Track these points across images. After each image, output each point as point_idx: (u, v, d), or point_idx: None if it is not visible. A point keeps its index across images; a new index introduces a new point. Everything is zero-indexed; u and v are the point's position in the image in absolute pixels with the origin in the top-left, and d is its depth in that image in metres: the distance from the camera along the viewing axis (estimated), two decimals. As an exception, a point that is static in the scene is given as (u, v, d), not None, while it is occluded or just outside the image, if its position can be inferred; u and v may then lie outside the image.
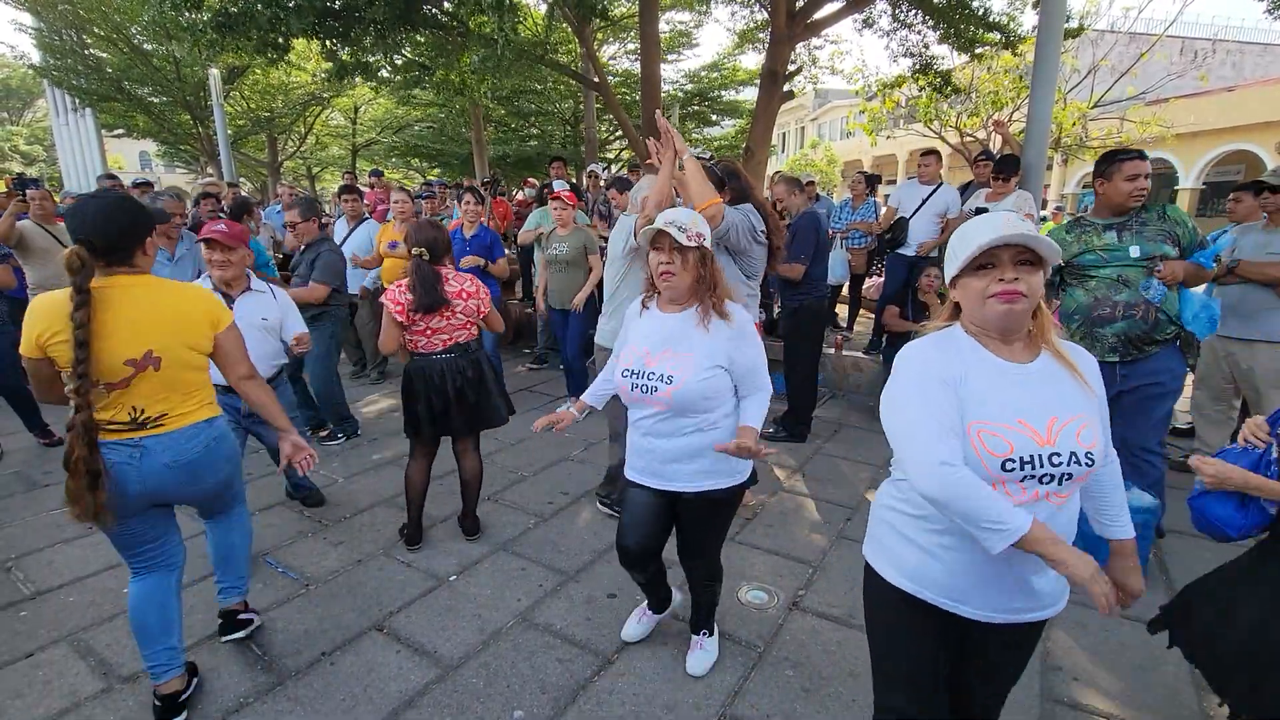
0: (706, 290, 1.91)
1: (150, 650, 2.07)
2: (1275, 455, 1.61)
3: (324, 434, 4.51)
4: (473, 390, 3.01)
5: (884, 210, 5.86)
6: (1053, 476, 1.23)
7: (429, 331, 2.93)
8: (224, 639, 2.41)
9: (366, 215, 5.71)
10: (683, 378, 1.86)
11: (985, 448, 1.22)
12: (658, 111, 2.91)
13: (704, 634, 2.35)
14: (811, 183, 7.98)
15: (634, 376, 1.95)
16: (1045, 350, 1.31)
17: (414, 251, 2.88)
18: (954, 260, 1.30)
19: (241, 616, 2.45)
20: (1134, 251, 2.79)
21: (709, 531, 2.13)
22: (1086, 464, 1.23)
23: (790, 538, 3.21)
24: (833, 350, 5.60)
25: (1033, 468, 1.22)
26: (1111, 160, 2.83)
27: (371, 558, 3.03)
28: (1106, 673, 2.29)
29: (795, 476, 3.96)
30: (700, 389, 1.86)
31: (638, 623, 2.46)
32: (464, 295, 2.97)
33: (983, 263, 1.26)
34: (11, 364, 4.49)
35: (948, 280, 1.34)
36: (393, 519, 3.39)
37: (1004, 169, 4.84)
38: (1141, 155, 2.82)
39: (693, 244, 1.86)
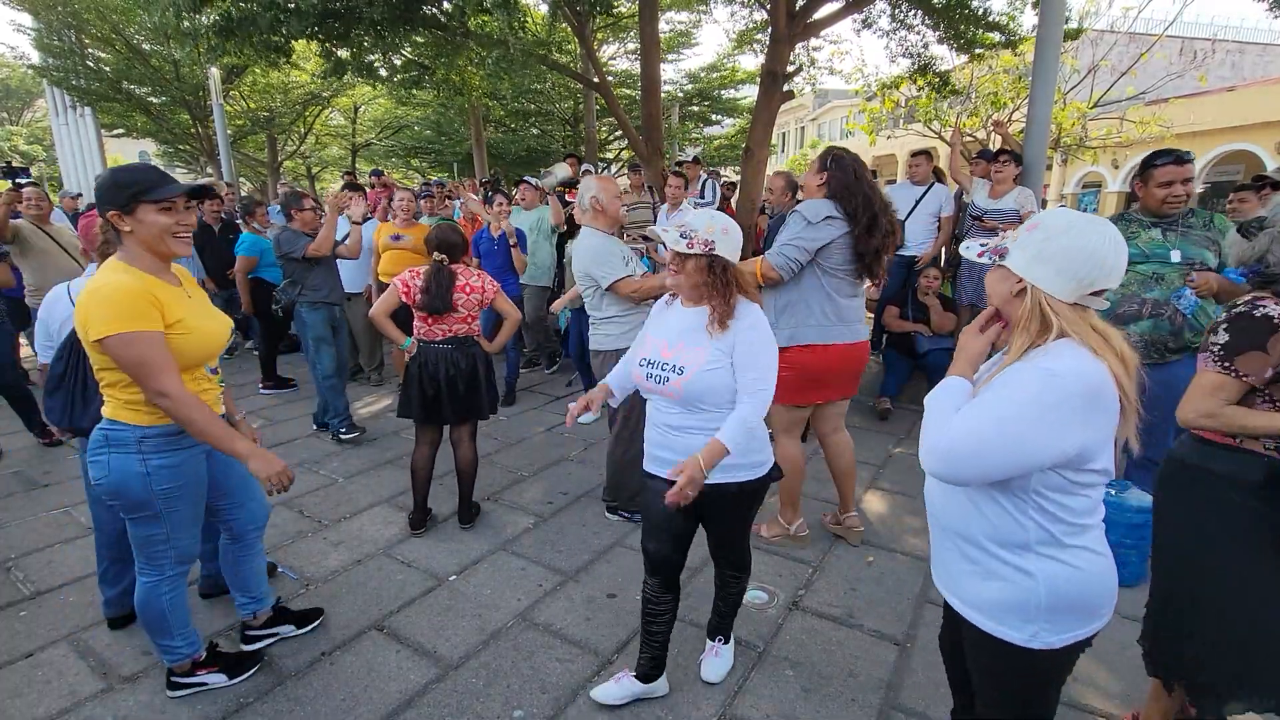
0: (716, 295, 1.85)
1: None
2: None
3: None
4: (463, 381, 3.18)
5: None
6: None
7: (430, 319, 3.13)
8: (170, 694, 2.17)
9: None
10: (692, 370, 1.85)
11: None
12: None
13: (720, 639, 2.31)
14: None
15: (649, 366, 1.95)
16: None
17: (435, 256, 3.08)
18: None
19: (183, 680, 2.17)
20: (1175, 256, 2.71)
21: (732, 524, 2.09)
22: None
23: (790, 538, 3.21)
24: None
25: None
26: (1148, 164, 2.73)
27: (371, 558, 3.03)
28: (1106, 673, 2.29)
29: (795, 476, 3.95)
30: (708, 380, 1.84)
31: (615, 684, 2.16)
32: (466, 290, 3.13)
33: None
34: (10, 363, 4.49)
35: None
36: (392, 519, 3.39)
37: (1005, 154, 4.84)
38: (1180, 159, 2.68)
39: (694, 250, 1.82)
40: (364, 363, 5.99)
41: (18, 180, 4.80)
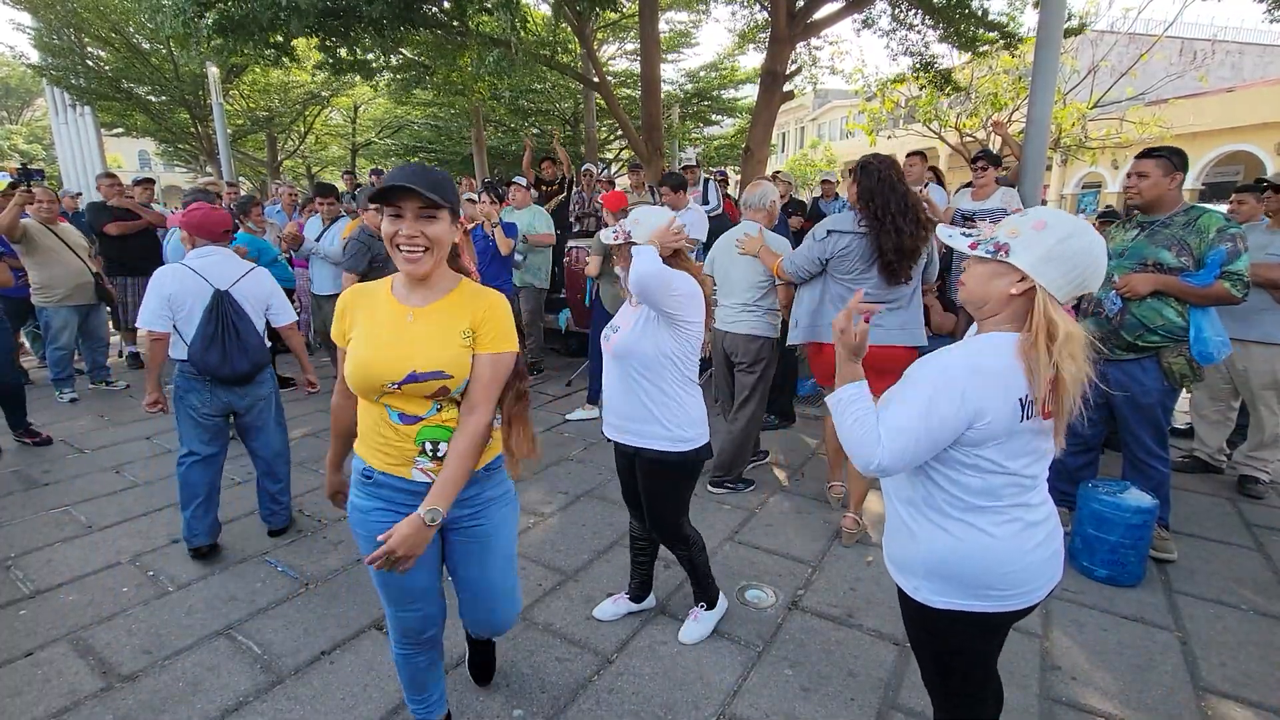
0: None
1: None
2: None
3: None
4: None
5: None
6: None
7: None
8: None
9: (343, 214, 5.61)
10: (623, 330, 2.19)
11: None
12: None
13: (702, 606, 2.48)
14: (827, 182, 7.99)
15: (609, 329, 2.30)
16: None
17: None
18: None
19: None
20: (1126, 251, 2.86)
21: (656, 496, 2.28)
22: None
23: (790, 538, 3.22)
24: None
25: None
26: None
27: (371, 557, 3.03)
28: (1105, 672, 2.29)
29: (795, 476, 3.96)
30: (632, 342, 2.13)
31: (612, 603, 2.60)
32: None
33: None
34: (9, 362, 4.49)
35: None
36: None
37: (984, 158, 4.88)
38: (1141, 154, 2.86)
39: (617, 241, 2.20)
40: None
41: (30, 180, 4.83)
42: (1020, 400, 1.24)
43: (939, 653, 1.48)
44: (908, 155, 5.67)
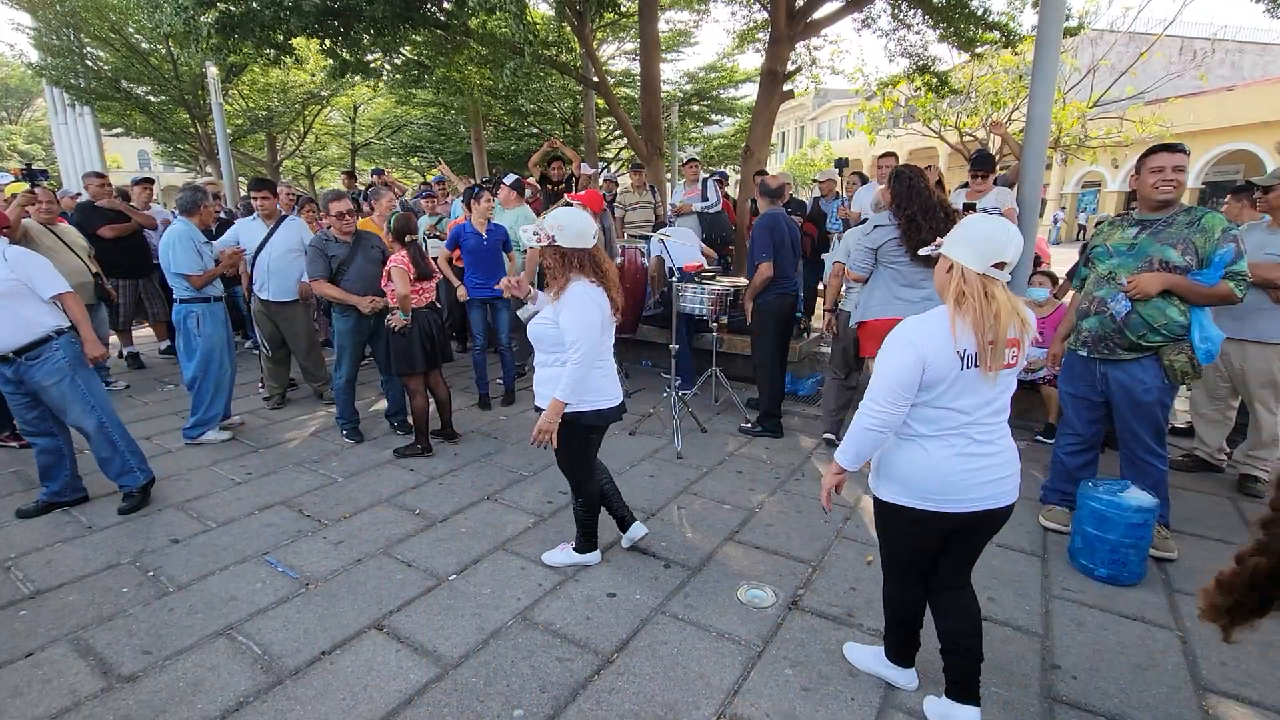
0: (556, 276, 2.51)
1: None
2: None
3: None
4: (439, 334, 4.26)
5: (850, 214, 5.97)
6: None
7: (420, 292, 4.15)
8: None
9: (284, 214, 5.14)
10: (539, 318, 2.59)
11: None
12: None
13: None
14: (823, 181, 8.02)
15: None
16: None
17: (407, 239, 4.07)
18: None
19: None
20: (1131, 251, 2.84)
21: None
22: None
23: (790, 538, 3.22)
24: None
25: None
26: (1144, 154, 2.86)
27: (371, 557, 3.03)
28: (1106, 671, 2.29)
29: (795, 476, 3.96)
30: (536, 330, 2.58)
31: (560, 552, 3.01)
32: (431, 266, 4.31)
33: None
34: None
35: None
36: (393, 518, 3.39)
37: (981, 167, 4.97)
38: (1172, 148, 2.79)
39: (541, 243, 2.49)
40: (310, 380, 5.38)
41: (35, 181, 4.83)
42: (960, 353, 1.73)
43: (892, 538, 2.02)
44: (879, 157, 5.82)
